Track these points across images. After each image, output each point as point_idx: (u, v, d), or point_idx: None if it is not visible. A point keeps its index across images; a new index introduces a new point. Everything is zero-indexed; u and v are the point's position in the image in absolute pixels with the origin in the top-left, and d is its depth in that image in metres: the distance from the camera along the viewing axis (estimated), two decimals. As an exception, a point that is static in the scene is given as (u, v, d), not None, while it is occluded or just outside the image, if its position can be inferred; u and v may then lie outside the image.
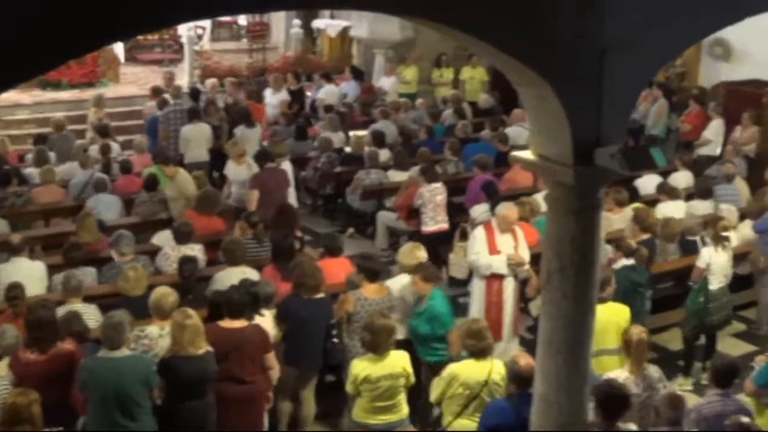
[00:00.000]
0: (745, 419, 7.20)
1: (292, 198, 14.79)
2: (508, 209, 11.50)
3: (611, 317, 9.69)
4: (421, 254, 10.43)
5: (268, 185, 14.14)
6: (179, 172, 14.19)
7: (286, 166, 15.11)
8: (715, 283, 11.43)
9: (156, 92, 19.45)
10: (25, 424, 7.50)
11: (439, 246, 13.84)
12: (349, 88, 21.63)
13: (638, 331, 8.65)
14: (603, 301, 9.68)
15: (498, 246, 11.30)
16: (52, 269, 11.30)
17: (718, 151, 17.73)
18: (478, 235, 11.48)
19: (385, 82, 22.25)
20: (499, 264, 11.30)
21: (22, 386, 7.99)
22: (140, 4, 4.90)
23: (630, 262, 10.94)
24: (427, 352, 9.88)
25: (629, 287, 10.69)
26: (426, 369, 9.79)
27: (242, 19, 27.15)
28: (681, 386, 11.25)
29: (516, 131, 17.52)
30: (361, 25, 22.86)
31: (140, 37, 24.74)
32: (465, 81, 22.56)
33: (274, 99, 20.24)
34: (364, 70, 23.11)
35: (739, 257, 12.53)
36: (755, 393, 8.64)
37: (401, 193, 14.96)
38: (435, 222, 14.19)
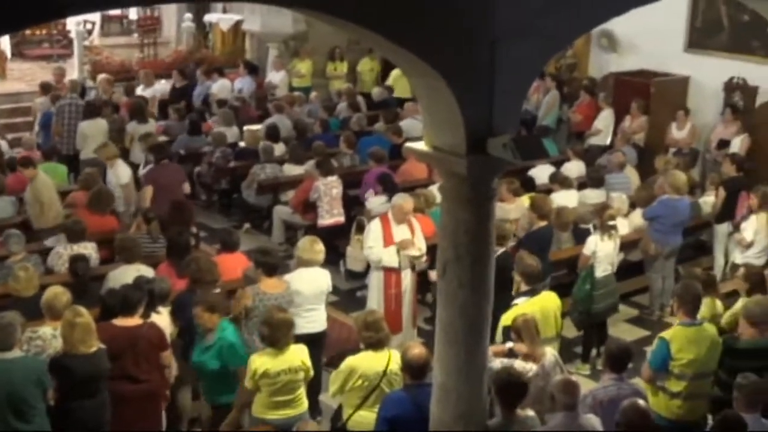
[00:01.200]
0: (641, 402, 7.32)
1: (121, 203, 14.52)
2: (402, 200, 11.58)
3: (550, 305, 9.88)
4: (320, 248, 10.43)
5: (161, 181, 13.99)
6: (38, 176, 13.73)
7: (123, 168, 14.77)
8: (600, 270, 11.60)
9: (45, 88, 19.06)
10: None
11: (336, 239, 13.87)
12: (243, 83, 21.44)
13: (528, 318, 8.77)
14: (537, 292, 9.88)
15: (394, 238, 11.37)
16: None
17: (608, 140, 18.02)
18: (374, 227, 11.53)
19: (274, 77, 22.13)
20: (389, 257, 11.39)
21: None
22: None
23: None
24: (218, 391, 9.17)
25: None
26: (215, 413, 9.22)
27: (133, 13, 26.76)
28: (578, 371, 11.44)
29: (410, 123, 17.59)
30: (253, 18, 22.69)
31: (27, 32, 24.35)
32: (363, 72, 22.57)
33: (144, 94, 19.92)
34: (257, 65, 22.95)
35: (630, 244, 12.78)
36: (651, 378, 8.79)
37: (297, 192, 14.97)
38: (331, 215, 14.23)
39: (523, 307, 9.52)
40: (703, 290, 9.60)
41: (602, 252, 11.57)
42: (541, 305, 9.70)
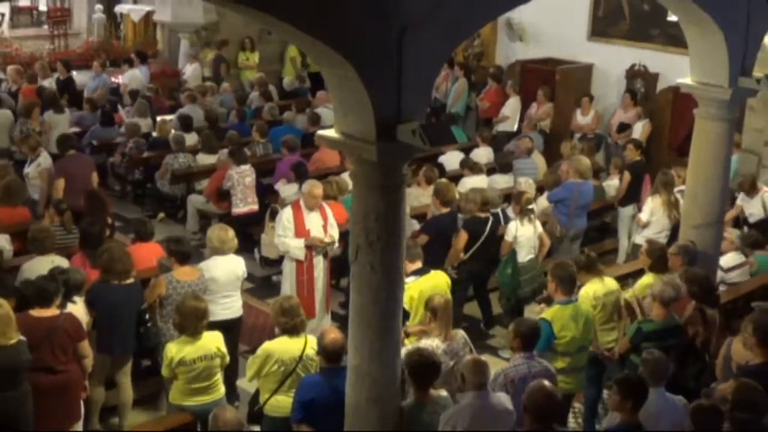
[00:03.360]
0: (547, 384, 7.36)
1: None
2: (312, 186, 11.59)
3: (440, 282, 9.92)
4: (231, 235, 10.36)
5: (71, 172, 13.84)
6: None
7: None
8: (524, 254, 11.72)
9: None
10: None
11: (250, 227, 13.84)
12: (129, 73, 21.19)
13: (442, 298, 8.82)
14: (427, 271, 9.97)
15: (307, 225, 11.38)
16: None
17: (515, 127, 18.20)
18: (285, 215, 11.52)
19: (187, 69, 21.94)
20: (295, 250, 11.43)
21: None
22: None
23: None
24: None
25: None
26: None
27: (42, 5, 26.33)
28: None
29: (322, 112, 17.57)
30: (164, 9, 22.44)
31: (-63, 26, 23.92)
32: (294, 57, 22.38)
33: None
34: (147, 54, 22.60)
35: (538, 227, 12.95)
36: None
37: (210, 181, 14.91)
38: (245, 203, 14.18)
39: (416, 284, 9.61)
40: (587, 272, 9.82)
41: (523, 236, 11.70)
42: (433, 283, 9.77)
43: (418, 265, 9.97)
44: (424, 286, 9.66)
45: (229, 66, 21.49)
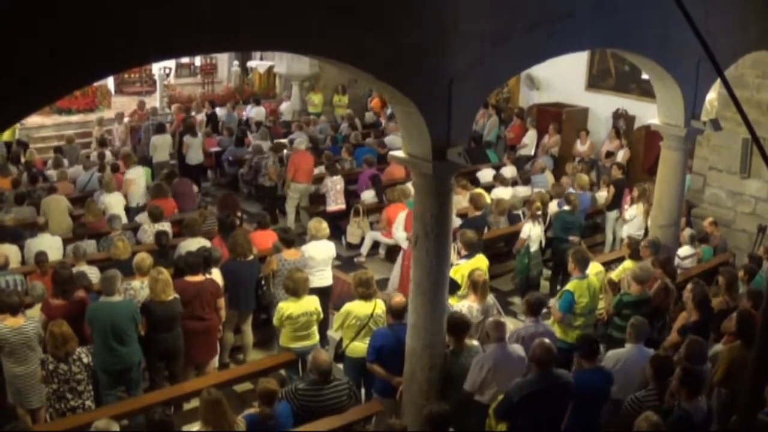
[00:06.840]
0: (546, 341, 7.23)
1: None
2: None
3: (482, 264, 9.73)
4: (324, 226, 10.34)
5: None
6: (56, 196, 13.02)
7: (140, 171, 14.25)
8: (534, 247, 11.55)
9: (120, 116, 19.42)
10: (69, 341, 7.63)
11: (339, 220, 13.81)
12: (255, 109, 21.35)
13: (480, 273, 8.71)
14: (473, 255, 9.83)
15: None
16: (66, 241, 11.21)
17: (533, 151, 17.96)
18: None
19: (282, 106, 22.16)
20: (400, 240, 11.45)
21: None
22: (122, 51, 4.89)
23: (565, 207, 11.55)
24: None
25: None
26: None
27: (197, 61, 26.78)
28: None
29: (392, 138, 17.51)
30: (281, 63, 22.59)
31: (125, 75, 24.42)
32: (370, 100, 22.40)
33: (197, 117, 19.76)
34: (260, 98, 22.72)
35: (549, 225, 12.73)
36: (561, 318, 8.78)
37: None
38: (336, 203, 14.13)
39: (465, 266, 9.49)
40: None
41: (534, 234, 11.50)
42: (476, 264, 9.63)
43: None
44: (472, 266, 9.48)
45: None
